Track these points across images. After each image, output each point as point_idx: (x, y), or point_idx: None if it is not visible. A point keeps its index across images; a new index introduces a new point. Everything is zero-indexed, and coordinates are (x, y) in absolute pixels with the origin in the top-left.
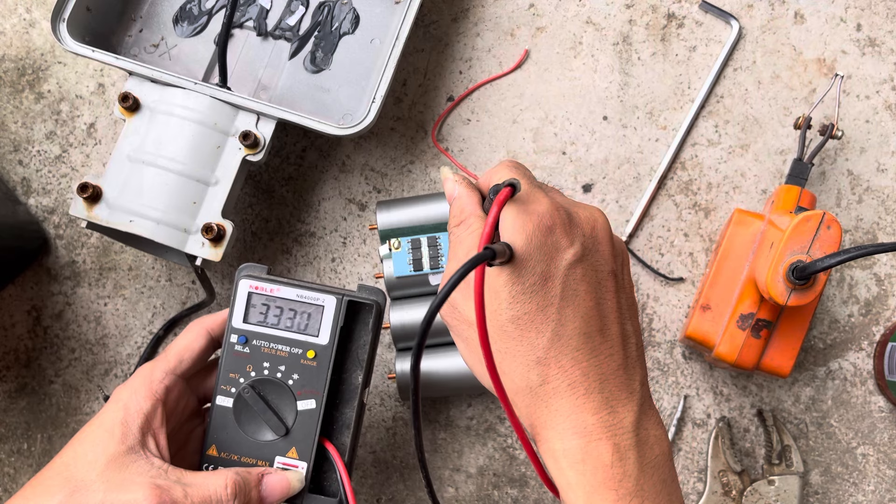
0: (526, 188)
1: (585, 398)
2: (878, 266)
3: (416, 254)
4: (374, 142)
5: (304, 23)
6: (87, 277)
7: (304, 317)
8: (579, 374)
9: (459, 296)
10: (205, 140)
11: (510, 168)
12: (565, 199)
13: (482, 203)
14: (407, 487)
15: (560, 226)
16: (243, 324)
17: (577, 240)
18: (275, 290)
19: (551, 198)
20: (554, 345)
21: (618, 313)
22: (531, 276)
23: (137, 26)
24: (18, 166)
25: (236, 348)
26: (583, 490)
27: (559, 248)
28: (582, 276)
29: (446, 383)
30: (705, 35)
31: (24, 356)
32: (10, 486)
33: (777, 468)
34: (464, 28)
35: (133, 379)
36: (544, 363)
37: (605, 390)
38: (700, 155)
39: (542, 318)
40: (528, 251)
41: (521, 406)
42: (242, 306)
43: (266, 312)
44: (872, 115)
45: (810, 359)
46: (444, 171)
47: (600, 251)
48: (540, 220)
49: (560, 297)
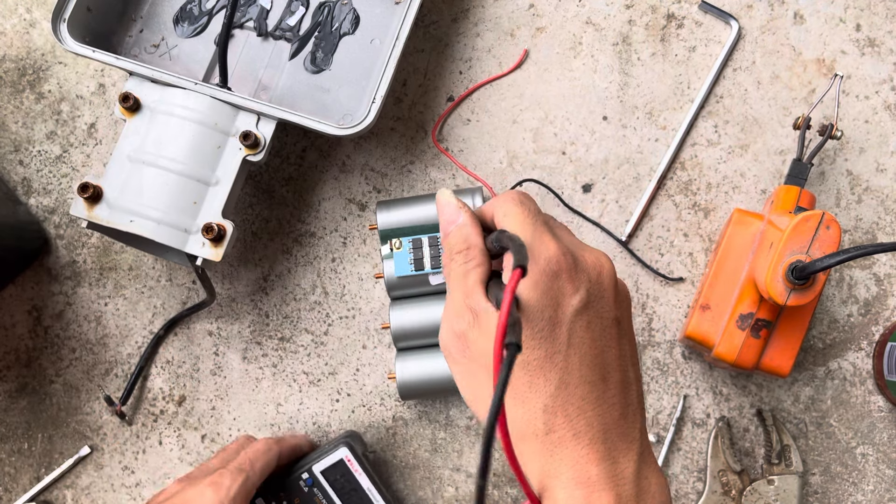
0: (530, 230)
1: (589, 448)
2: (877, 266)
3: (418, 253)
4: (375, 142)
5: (304, 23)
6: (87, 277)
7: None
8: (584, 424)
9: (470, 329)
10: (205, 140)
11: (517, 204)
12: (572, 238)
13: (483, 235)
14: (407, 487)
15: (566, 271)
16: (320, 474)
17: (582, 286)
18: (358, 472)
19: (558, 240)
20: (560, 392)
21: (620, 360)
22: (540, 321)
23: (138, 26)
24: (19, 166)
25: (304, 488)
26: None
27: (565, 294)
28: (587, 324)
29: (446, 384)
30: (705, 35)
31: (25, 356)
32: (10, 485)
33: (776, 468)
34: (464, 28)
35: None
36: (551, 411)
37: (607, 440)
38: (700, 155)
39: (550, 364)
40: (536, 296)
41: (526, 453)
42: (331, 462)
43: (343, 481)
44: (872, 116)
45: (810, 358)
46: (444, 193)
47: (605, 298)
48: (547, 265)
49: (567, 345)
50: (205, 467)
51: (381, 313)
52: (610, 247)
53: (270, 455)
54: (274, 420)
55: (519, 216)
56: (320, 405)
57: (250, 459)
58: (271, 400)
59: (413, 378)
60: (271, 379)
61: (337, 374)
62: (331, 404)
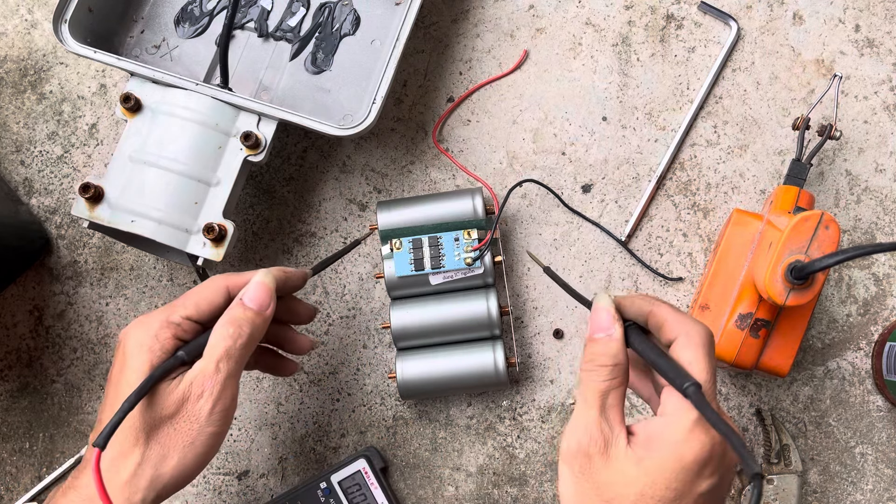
0: (709, 394)
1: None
2: (876, 266)
3: (418, 253)
4: (375, 142)
5: (304, 24)
6: (88, 277)
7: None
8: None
9: (598, 455)
10: (206, 141)
11: (707, 355)
12: (720, 409)
13: (625, 343)
14: (407, 486)
15: (716, 459)
16: (337, 485)
17: (717, 473)
18: (374, 485)
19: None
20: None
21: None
22: (666, 489)
23: (139, 27)
24: (20, 167)
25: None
26: None
27: (702, 477)
28: (705, 501)
29: (446, 383)
30: (704, 36)
31: (26, 356)
32: (12, 484)
33: (776, 467)
34: (464, 29)
35: (151, 320)
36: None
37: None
38: (699, 155)
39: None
40: (675, 469)
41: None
42: (348, 472)
43: (358, 495)
44: (871, 116)
45: (809, 358)
46: (603, 299)
47: (726, 480)
48: (701, 450)
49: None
50: None
51: (381, 313)
52: (609, 247)
53: (208, 290)
54: (275, 419)
55: (704, 374)
56: (321, 404)
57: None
58: (272, 399)
59: (413, 378)
60: (272, 378)
61: (337, 374)
62: (331, 404)
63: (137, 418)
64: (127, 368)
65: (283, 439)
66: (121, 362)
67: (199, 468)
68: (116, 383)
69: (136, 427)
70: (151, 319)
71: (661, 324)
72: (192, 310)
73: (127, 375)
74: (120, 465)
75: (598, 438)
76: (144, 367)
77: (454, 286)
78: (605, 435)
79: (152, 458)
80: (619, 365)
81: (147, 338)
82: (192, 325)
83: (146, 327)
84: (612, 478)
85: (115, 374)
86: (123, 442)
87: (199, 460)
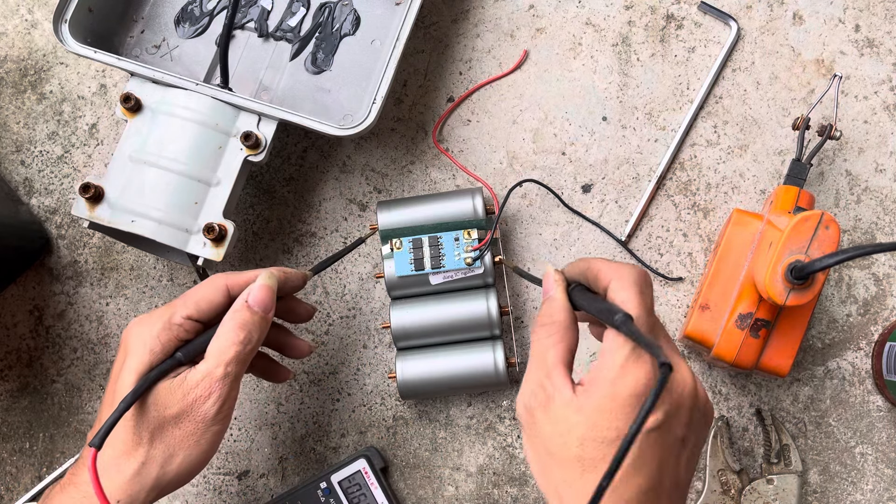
0: (645, 330)
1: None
2: (876, 266)
3: (418, 253)
4: (375, 142)
5: (304, 24)
6: (88, 277)
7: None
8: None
9: (539, 410)
10: (206, 141)
11: (638, 293)
12: (670, 344)
13: (572, 312)
14: (407, 486)
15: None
16: (337, 485)
17: (661, 407)
18: (374, 485)
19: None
20: (611, 495)
21: (674, 471)
22: (606, 430)
23: (139, 27)
24: (21, 167)
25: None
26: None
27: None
28: (654, 441)
29: (446, 383)
30: (704, 36)
31: (27, 356)
32: (12, 484)
33: (776, 467)
34: (464, 29)
35: (153, 320)
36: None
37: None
38: (699, 155)
39: (605, 468)
40: (612, 407)
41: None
42: (348, 472)
43: (358, 494)
44: (871, 116)
45: (809, 358)
46: (549, 268)
47: (679, 417)
48: (636, 383)
49: (630, 457)
50: None
51: (381, 313)
52: (610, 247)
53: (208, 288)
54: (275, 419)
55: (637, 309)
56: (321, 404)
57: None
58: (272, 399)
59: (413, 377)
60: None
61: (337, 374)
62: (331, 404)
63: (139, 418)
64: (125, 369)
65: (283, 439)
66: (121, 361)
67: (202, 465)
68: (114, 382)
69: (138, 426)
70: (153, 319)
71: (596, 274)
72: (192, 309)
73: (124, 376)
74: (122, 464)
75: (541, 395)
76: (143, 368)
77: (454, 286)
78: (547, 391)
79: (158, 458)
80: (559, 322)
81: (149, 338)
82: (193, 325)
83: (148, 327)
84: (554, 428)
85: (115, 373)
86: (125, 441)
87: (204, 458)
